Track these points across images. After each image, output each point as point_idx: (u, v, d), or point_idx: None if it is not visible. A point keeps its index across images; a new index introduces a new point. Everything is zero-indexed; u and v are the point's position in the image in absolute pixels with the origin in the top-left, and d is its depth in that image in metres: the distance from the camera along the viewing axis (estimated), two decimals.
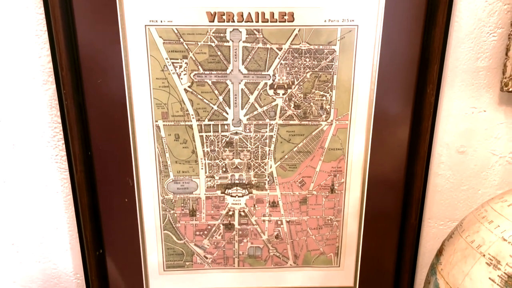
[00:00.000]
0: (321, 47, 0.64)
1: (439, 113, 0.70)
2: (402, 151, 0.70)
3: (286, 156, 0.69)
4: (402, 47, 0.64)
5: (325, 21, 0.63)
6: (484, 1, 0.64)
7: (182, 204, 0.71)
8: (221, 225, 0.72)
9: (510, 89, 0.66)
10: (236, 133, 0.68)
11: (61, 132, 0.67)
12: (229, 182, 0.70)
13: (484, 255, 0.49)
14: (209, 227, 0.72)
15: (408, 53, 0.65)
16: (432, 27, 0.62)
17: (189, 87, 0.65)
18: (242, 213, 0.72)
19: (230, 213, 0.72)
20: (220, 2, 0.61)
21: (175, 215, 0.71)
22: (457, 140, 0.72)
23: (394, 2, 0.62)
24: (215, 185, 0.70)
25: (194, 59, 0.63)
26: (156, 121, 0.66)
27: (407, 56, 0.65)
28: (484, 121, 0.71)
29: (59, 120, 0.66)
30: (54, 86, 0.65)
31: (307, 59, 0.64)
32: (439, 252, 0.57)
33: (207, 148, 0.68)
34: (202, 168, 0.69)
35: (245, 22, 0.62)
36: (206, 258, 0.74)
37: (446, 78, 0.68)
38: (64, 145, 0.67)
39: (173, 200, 0.71)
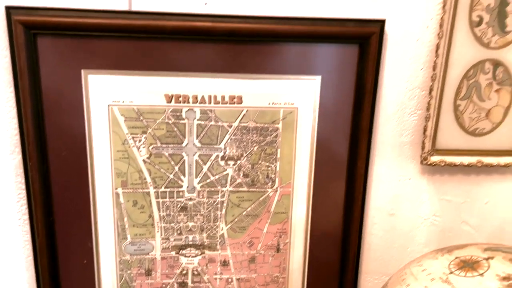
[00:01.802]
0: (266, 125, 0.73)
1: (371, 181, 0.80)
2: (339, 214, 0.79)
3: (236, 219, 0.77)
4: (335, 126, 0.74)
5: (269, 103, 0.72)
6: (405, 87, 0.76)
7: (139, 265, 0.76)
8: (175, 283, 0.78)
9: (429, 163, 0.77)
10: (191, 199, 0.75)
11: (25, 198, 0.71)
12: (183, 243, 0.76)
13: None
14: (164, 285, 0.78)
15: (340, 131, 0.75)
16: (360, 109, 0.73)
17: (147, 158, 0.72)
18: (195, 272, 0.78)
19: (184, 272, 0.78)
20: (177, 87, 0.69)
21: (132, 275, 0.76)
22: (388, 204, 0.82)
23: (327, 89, 0.72)
24: (170, 246, 0.76)
25: (152, 134, 0.71)
26: (116, 189, 0.72)
27: (340, 133, 0.75)
28: (410, 188, 0.81)
29: (24, 187, 0.71)
30: (21, 155, 0.70)
31: (254, 135, 0.73)
32: None
33: (163, 212, 0.74)
34: (158, 231, 0.75)
35: (199, 103, 0.70)
36: None
37: (375, 151, 0.78)
38: (27, 210, 0.72)
39: (130, 261, 0.76)
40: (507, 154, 0.78)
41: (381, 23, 0.69)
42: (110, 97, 0.68)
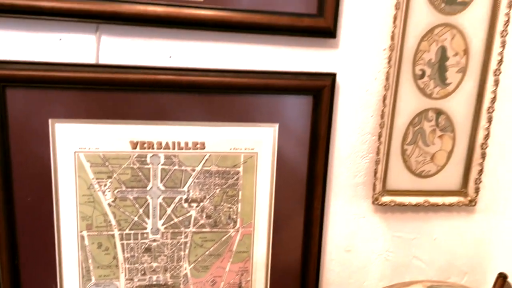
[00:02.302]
0: (228, 169, 0.77)
1: (328, 220, 0.84)
2: (298, 251, 0.83)
3: (199, 259, 0.80)
4: (293, 169, 0.79)
5: (230, 149, 0.76)
6: (357, 133, 0.82)
7: None
8: None
9: (380, 203, 0.83)
10: (155, 240, 0.77)
11: None
12: (147, 283, 0.79)
13: None
14: None
15: (297, 174, 0.79)
16: (316, 154, 0.78)
17: (112, 202, 0.74)
18: None
19: None
20: (142, 134, 0.73)
21: None
22: (344, 241, 0.86)
23: (284, 136, 0.77)
24: (134, 287, 0.78)
25: (118, 178, 0.74)
26: (81, 232, 0.74)
27: (297, 176, 0.79)
28: (364, 226, 0.86)
29: None
30: None
31: (217, 178, 0.77)
32: None
33: (127, 254, 0.77)
34: (122, 272, 0.77)
35: (163, 149, 0.74)
36: None
37: (331, 191, 0.83)
38: None
39: None
40: (451, 194, 0.85)
41: (332, 76, 0.75)
42: (76, 144, 0.71)
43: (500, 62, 0.79)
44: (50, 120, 0.69)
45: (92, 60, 0.70)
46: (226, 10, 0.70)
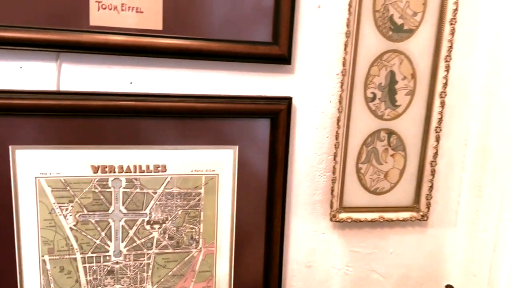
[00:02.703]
0: (189, 190, 0.79)
1: (289, 237, 0.87)
2: (260, 268, 0.85)
3: (162, 280, 0.81)
4: (253, 189, 0.82)
5: (192, 171, 0.79)
6: (314, 153, 0.85)
7: None
8: None
9: (337, 219, 0.86)
10: (117, 263, 0.78)
11: None
12: None
13: None
14: None
15: (258, 193, 0.82)
16: (274, 174, 0.81)
17: (74, 225, 0.75)
18: None
19: None
20: (103, 158, 0.74)
21: None
22: (305, 257, 0.89)
23: (244, 157, 0.80)
24: None
25: (79, 203, 0.75)
26: (43, 256, 0.75)
27: (258, 195, 0.82)
28: (324, 242, 0.90)
29: None
30: None
31: (178, 200, 0.79)
32: None
33: (90, 277, 0.77)
34: None
35: (125, 173, 0.76)
36: None
37: (291, 209, 0.86)
38: None
39: None
40: (405, 210, 0.89)
41: (288, 100, 0.79)
42: (37, 169, 0.72)
43: (445, 85, 0.84)
44: (10, 147, 0.70)
45: (53, 87, 0.72)
46: (185, 38, 0.73)
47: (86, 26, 0.69)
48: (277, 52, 0.76)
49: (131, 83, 0.75)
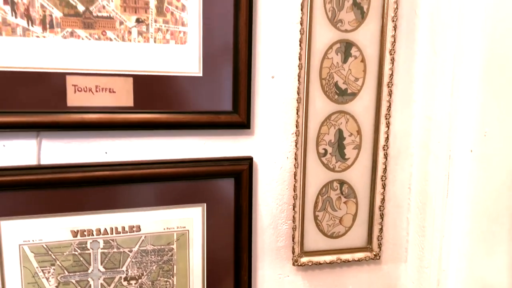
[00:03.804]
0: (162, 247, 0.87)
1: (256, 280, 0.96)
2: None
3: None
4: (221, 242, 0.90)
5: (164, 229, 0.86)
6: (276, 203, 0.95)
7: None
8: None
9: (299, 264, 0.95)
10: None
11: None
12: None
13: None
14: None
15: (226, 245, 0.91)
16: (240, 226, 0.90)
17: (56, 287, 0.81)
18: None
19: None
20: (81, 223, 0.81)
21: None
22: None
23: (212, 213, 0.88)
24: None
25: (60, 265, 0.81)
26: None
27: (226, 247, 0.91)
28: (289, 284, 0.98)
29: None
30: None
31: (153, 256, 0.86)
32: None
33: None
34: None
35: (102, 235, 0.83)
36: None
37: (258, 255, 0.95)
38: None
39: None
40: (359, 251, 0.99)
41: (249, 160, 0.89)
42: (21, 237, 0.78)
43: (387, 139, 0.96)
44: None
45: (33, 161, 0.79)
46: (154, 112, 0.82)
47: (64, 107, 0.77)
48: (238, 120, 0.86)
49: (106, 153, 0.83)
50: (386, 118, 0.95)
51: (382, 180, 0.97)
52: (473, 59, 0.85)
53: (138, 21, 0.79)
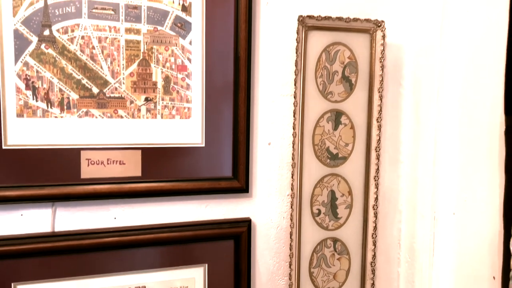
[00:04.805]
0: None
1: None
2: None
3: None
4: None
5: None
6: (274, 261, 1.01)
7: None
8: None
9: None
10: None
11: None
12: None
13: None
14: None
15: None
16: (239, 284, 0.96)
17: None
18: None
19: None
20: (92, 285, 0.87)
21: None
22: None
23: (213, 273, 0.94)
24: None
25: None
26: None
27: None
28: None
29: None
30: None
31: None
32: None
33: None
34: None
35: None
36: None
37: None
38: None
39: None
40: None
41: (248, 222, 0.95)
42: None
43: (376, 198, 1.03)
44: (12, 284, 0.82)
45: (48, 228, 0.85)
46: (160, 181, 0.89)
47: (77, 179, 0.84)
48: (237, 185, 0.93)
49: (115, 218, 0.89)
50: (375, 180, 1.03)
51: (373, 238, 1.04)
52: (452, 130, 0.93)
53: (147, 99, 0.87)
